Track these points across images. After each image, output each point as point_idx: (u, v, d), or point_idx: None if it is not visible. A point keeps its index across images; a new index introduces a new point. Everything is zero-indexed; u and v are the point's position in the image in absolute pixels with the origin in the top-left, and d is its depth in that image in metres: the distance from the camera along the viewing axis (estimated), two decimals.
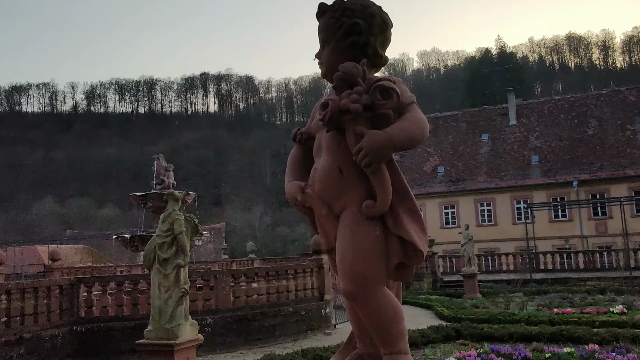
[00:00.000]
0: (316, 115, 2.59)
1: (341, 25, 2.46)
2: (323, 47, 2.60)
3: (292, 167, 2.66)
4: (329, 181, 2.30)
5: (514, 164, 42.57)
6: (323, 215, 2.31)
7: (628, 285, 23.63)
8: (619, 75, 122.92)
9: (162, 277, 8.92)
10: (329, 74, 2.60)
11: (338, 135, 2.28)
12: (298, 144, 2.71)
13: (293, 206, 2.52)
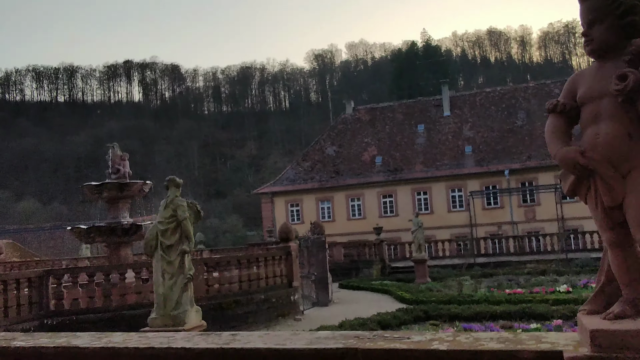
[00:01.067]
0: (594, 85, 2.79)
1: (619, 6, 2.68)
2: (592, 25, 2.82)
3: (558, 135, 2.88)
4: (616, 145, 2.54)
5: (448, 153, 44.06)
6: (610, 176, 2.55)
7: (564, 266, 25.16)
8: (535, 69, 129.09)
9: (166, 264, 8.83)
10: (600, 50, 2.82)
11: (626, 104, 2.52)
12: (558, 114, 2.93)
13: (568, 169, 2.74)
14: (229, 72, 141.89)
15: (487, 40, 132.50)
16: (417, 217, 24.59)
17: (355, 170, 45.52)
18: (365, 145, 47.09)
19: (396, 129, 47.52)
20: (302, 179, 46.54)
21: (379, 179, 44.15)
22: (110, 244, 18.60)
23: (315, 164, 47.29)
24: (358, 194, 44.59)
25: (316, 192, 45.48)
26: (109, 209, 19.14)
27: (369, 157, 46.16)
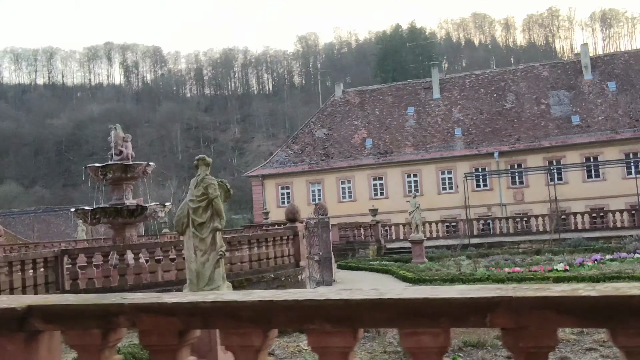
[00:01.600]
0: None
1: None
2: None
3: None
4: None
5: (438, 136, 44.40)
6: None
7: (557, 246, 25.69)
8: (519, 53, 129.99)
9: (198, 241, 8.93)
10: None
11: None
12: None
13: None
14: (212, 54, 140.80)
15: (471, 24, 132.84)
16: (415, 198, 24.85)
17: (345, 152, 45.70)
18: (355, 127, 47.24)
19: (386, 111, 47.71)
20: (293, 162, 46.61)
21: (369, 161, 44.39)
22: (115, 225, 18.58)
23: (305, 147, 47.36)
24: (348, 176, 44.80)
25: (307, 174, 45.61)
26: (113, 191, 19.10)
27: (359, 140, 46.34)
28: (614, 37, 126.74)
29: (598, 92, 43.16)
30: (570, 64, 46.67)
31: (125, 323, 2.90)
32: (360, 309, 2.57)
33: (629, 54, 46.37)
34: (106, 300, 2.98)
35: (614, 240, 25.59)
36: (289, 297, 2.65)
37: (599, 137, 40.49)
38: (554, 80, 45.17)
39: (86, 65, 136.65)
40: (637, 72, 43.27)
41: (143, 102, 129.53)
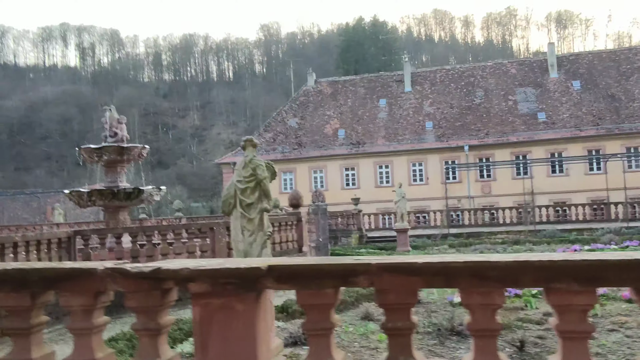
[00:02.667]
0: None
1: None
2: None
3: None
4: None
5: (410, 128, 45.12)
6: None
7: (533, 237, 26.64)
8: (477, 50, 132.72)
9: (246, 222, 9.03)
10: None
11: None
12: None
13: None
14: (171, 39, 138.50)
15: (432, 20, 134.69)
16: (400, 187, 25.32)
17: (318, 142, 45.93)
18: (328, 118, 47.51)
19: (358, 102, 48.13)
20: (265, 150, 46.50)
21: (342, 151, 44.76)
22: (109, 208, 18.35)
23: (277, 135, 47.36)
24: (321, 166, 45.07)
25: (279, 163, 45.43)
26: (107, 173, 18.88)
27: (331, 130, 46.63)
28: (569, 38, 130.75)
29: (563, 91, 44.65)
30: (536, 62, 48.08)
31: (363, 282, 3.08)
32: (607, 269, 2.83)
33: (592, 54, 48.07)
34: (348, 260, 3.15)
35: (585, 232, 26.71)
36: (543, 258, 2.90)
37: (564, 134, 41.94)
38: (521, 77, 46.47)
39: (40, 46, 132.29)
40: (600, 72, 44.94)
41: (99, 85, 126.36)
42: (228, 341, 3.13)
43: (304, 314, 3.28)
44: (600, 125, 41.81)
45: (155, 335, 3.35)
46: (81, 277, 3.29)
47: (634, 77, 43.88)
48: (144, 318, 3.33)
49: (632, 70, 44.30)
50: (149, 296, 3.29)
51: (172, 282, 3.21)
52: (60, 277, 3.32)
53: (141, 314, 3.34)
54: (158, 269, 3.17)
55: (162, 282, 3.22)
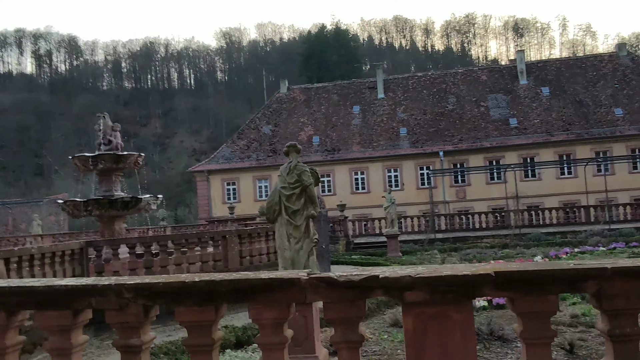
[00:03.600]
0: None
1: None
2: None
3: None
4: None
5: (384, 135, 45.37)
6: None
7: (519, 240, 27.04)
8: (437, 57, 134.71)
9: (292, 229, 8.82)
10: None
11: None
12: None
13: None
14: (131, 46, 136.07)
15: (393, 27, 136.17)
16: (390, 193, 25.35)
17: None
18: (302, 125, 47.39)
19: (332, 109, 48.18)
20: (239, 158, 46.10)
21: (317, 158, 44.64)
22: (104, 218, 17.79)
23: (251, 143, 46.96)
24: None
25: (254, 170, 45.26)
26: (101, 182, 18.31)
27: (305, 137, 46.50)
28: (526, 46, 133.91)
29: (533, 97, 45.65)
30: (506, 69, 49.06)
31: (591, 287, 2.96)
32: None
33: (560, 61, 49.35)
34: (574, 265, 3.03)
35: (569, 235, 27.25)
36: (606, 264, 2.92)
37: (536, 139, 42.84)
38: (492, 84, 47.34)
39: None
40: (568, 79, 46.15)
41: (57, 93, 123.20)
42: (446, 354, 2.97)
43: None
44: (570, 131, 42.89)
45: (355, 347, 3.17)
46: (282, 288, 3.08)
47: (600, 83, 45.22)
48: (343, 330, 3.15)
49: (598, 77, 45.65)
50: (352, 307, 3.11)
51: (380, 291, 3.03)
52: (257, 288, 3.09)
53: (340, 326, 3.15)
54: (374, 277, 2.99)
55: (369, 291, 3.05)
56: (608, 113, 43.31)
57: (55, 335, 3.33)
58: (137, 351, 3.30)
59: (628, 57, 47.05)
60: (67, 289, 3.22)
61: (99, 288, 3.19)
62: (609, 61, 46.86)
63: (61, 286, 3.22)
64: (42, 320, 3.30)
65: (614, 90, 44.44)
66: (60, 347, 3.31)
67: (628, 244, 23.21)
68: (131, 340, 3.27)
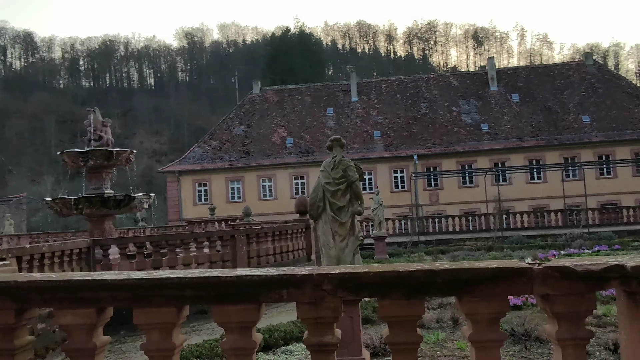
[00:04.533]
0: None
1: None
2: None
3: None
4: None
5: (358, 138, 45.34)
6: None
7: (501, 243, 27.27)
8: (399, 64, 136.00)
9: (337, 226, 8.48)
10: None
11: None
12: None
13: None
14: (90, 43, 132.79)
15: (356, 32, 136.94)
16: (378, 194, 25.22)
17: (266, 151, 45.22)
18: (275, 126, 46.94)
19: (305, 111, 47.89)
20: (211, 158, 45.31)
21: (291, 160, 44.29)
22: (93, 217, 17.07)
23: (223, 143, 46.23)
24: (270, 174, 44.37)
25: (226, 171, 44.55)
26: (90, 179, 17.57)
27: (279, 138, 46.08)
28: (485, 54, 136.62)
29: (503, 103, 46.40)
30: (477, 75, 49.75)
31: None
32: None
33: (529, 69, 50.35)
34: None
35: (549, 238, 27.66)
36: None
37: (507, 144, 43.52)
38: (464, 89, 47.92)
39: None
40: (537, 86, 47.10)
41: (12, 91, 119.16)
42: None
43: None
44: (540, 137, 43.73)
45: (582, 345, 2.89)
46: (508, 278, 2.78)
47: (567, 91, 46.30)
48: (568, 325, 2.86)
49: (566, 85, 46.74)
50: (582, 300, 2.83)
51: (616, 282, 2.76)
52: (480, 279, 2.78)
53: (565, 321, 2.86)
54: (618, 267, 2.72)
55: (604, 282, 2.78)
56: (576, 120, 44.35)
57: (234, 333, 2.95)
58: (330, 350, 2.94)
59: (594, 66, 48.36)
60: (260, 279, 2.84)
61: (298, 278, 2.83)
62: (576, 70, 48.06)
63: (251, 276, 2.84)
64: (222, 315, 2.91)
65: (582, 98, 45.57)
66: None
67: (611, 247, 23.65)
68: (325, 338, 2.92)
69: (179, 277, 2.87)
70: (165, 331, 2.99)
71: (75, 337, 3.02)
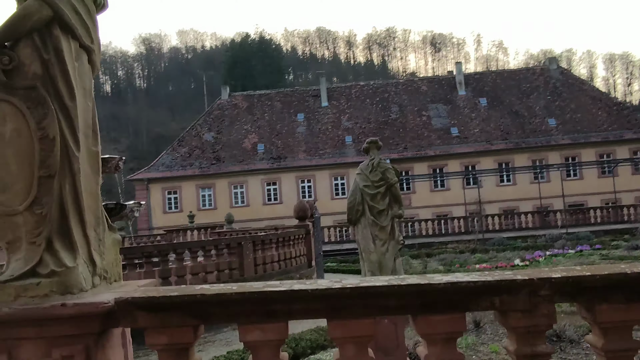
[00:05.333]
0: None
1: None
2: None
3: None
4: None
5: (330, 143, 45.26)
6: None
7: (482, 245, 27.54)
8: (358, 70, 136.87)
9: (378, 230, 8.28)
10: None
11: None
12: None
13: None
14: None
15: (316, 38, 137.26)
16: None
17: (237, 157, 44.67)
18: (246, 132, 46.44)
19: (275, 117, 47.56)
20: (180, 165, 44.47)
21: (263, 166, 43.88)
22: None
23: (193, 150, 45.45)
24: (241, 181, 43.83)
25: (196, 178, 43.81)
26: None
27: (250, 145, 45.60)
28: (442, 60, 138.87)
29: (472, 107, 47.08)
30: (445, 80, 50.36)
31: None
32: None
33: (495, 73, 51.24)
34: None
35: (529, 239, 28.09)
36: None
37: (477, 147, 44.13)
38: (432, 94, 48.42)
39: None
40: (503, 90, 47.98)
41: None
42: None
43: None
44: (508, 140, 44.51)
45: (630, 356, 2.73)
46: None
47: (533, 95, 47.31)
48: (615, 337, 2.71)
49: (532, 89, 47.76)
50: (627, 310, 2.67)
51: None
52: None
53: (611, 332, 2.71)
54: None
55: None
56: (542, 123, 45.33)
57: (437, 345, 2.71)
58: None
59: (558, 71, 49.59)
60: (475, 286, 2.60)
61: (518, 283, 2.61)
62: (541, 74, 49.18)
63: (466, 282, 2.61)
64: (426, 326, 2.67)
65: (547, 102, 46.64)
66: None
67: (592, 246, 24.14)
68: (538, 348, 2.70)
69: (386, 285, 2.62)
70: (361, 345, 2.73)
71: (261, 356, 2.73)
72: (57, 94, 2.65)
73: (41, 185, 2.60)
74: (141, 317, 2.66)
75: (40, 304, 2.50)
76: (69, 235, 2.67)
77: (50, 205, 2.60)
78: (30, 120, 2.59)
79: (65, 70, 2.69)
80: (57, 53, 2.67)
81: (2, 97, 2.61)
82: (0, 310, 2.48)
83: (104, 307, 2.52)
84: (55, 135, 2.60)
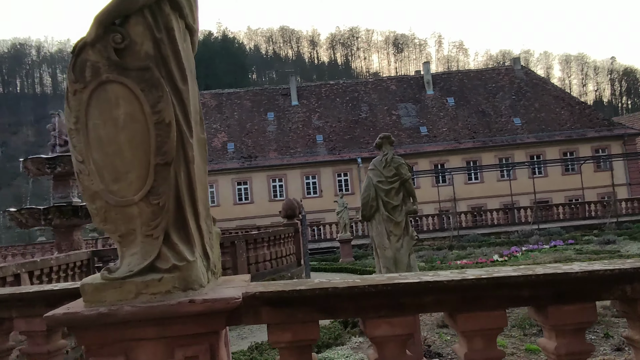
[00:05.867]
0: None
1: None
2: None
3: None
4: None
5: (301, 142, 45.10)
6: None
7: (458, 241, 27.84)
8: (321, 69, 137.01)
9: (392, 225, 8.20)
10: None
11: None
12: None
13: None
14: None
15: (279, 37, 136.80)
16: (342, 198, 25.09)
17: None
18: (215, 131, 45.88)
19: (245, 115, 47.15)
20: None
21: (234, 165, 43.44)
22: (60, 227, 15.89)
23: None
24: (211, 180, 43.23)
25: None
26: (56, 187, 16.35)
27: (219, 143, 45.09)
28: (405, 61, 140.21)
29: (440, 106, 47.59)
30: (414, 80, 50.74)
31: None
32: None
33: (462, 73, 51.87)
34: None
35: (502, 235, 28.54)
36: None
37: (446, 146, 44.62)
38: (401, 93, 48.76)
39: None
40: (470, 90, 48.64)
41: None
42: None
43: None
44: (476, 139, 45.14)
45: None
46: None
47: (499, 94, 48.10)
48: None
49: (497, 89, 48.56)
50: None
51: None
52: None
53: None
54: None
55: None
56: (508, 122, 46.12)
57: (566, 337, 2.63)
58: None
59: (522, 71, 50.54)
60: (613, 274, 2.54)
61: None
62: (506, 74, 50.05)
63: (604, 270, 2.54)
64: (558, 317, 2.58)
65: (512, 101, 47.49)
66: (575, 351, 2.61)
67: (565, 241, 24.65)
68: None
69: (522, 275, 2.53)
70: (489, 338, 2.63)
71: (387, 352, 2.61)
72: (169, 76, 2.47)
73: (157, 173, 2.41)
74: (265, 313, 2.52)
75: (165, 301, 2.32)
76: (186, 227, 2.50)
77: (167, 195, 2.42)
78: (144, 103, 2.40)
79: (177, 50, 2.52)
80: (169, 32, 2.49)
81: (115, 79, 2.42)
82: (122, 308, 2.29)
83: (235, 302, 2.36)
84: (171, 120, 2.42)
